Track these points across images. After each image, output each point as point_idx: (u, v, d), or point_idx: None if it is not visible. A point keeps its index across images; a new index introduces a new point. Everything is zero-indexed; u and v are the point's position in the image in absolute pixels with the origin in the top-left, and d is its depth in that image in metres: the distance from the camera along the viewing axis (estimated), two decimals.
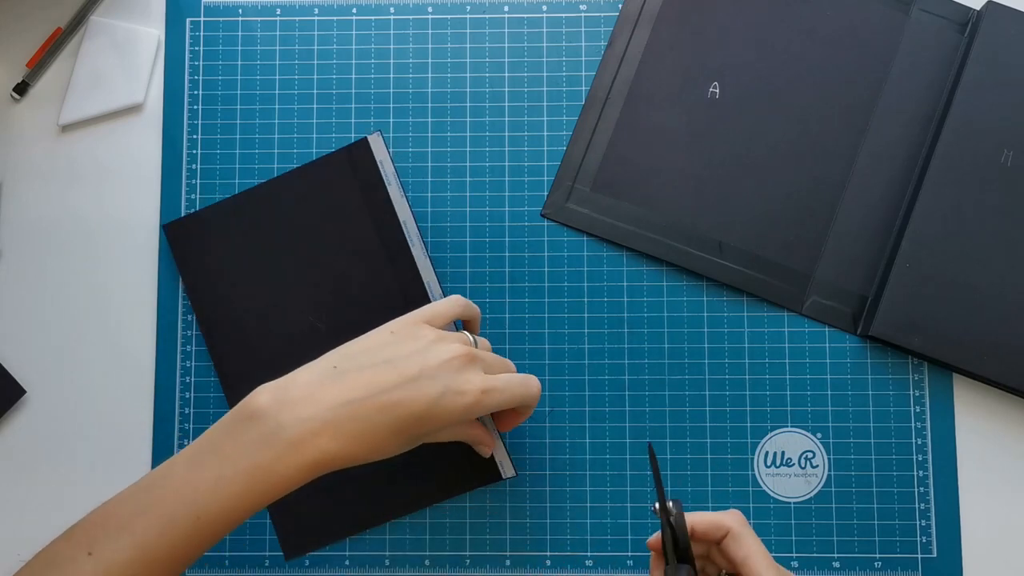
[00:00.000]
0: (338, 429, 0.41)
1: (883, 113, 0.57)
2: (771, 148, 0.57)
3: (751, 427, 0.55)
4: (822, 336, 0.56)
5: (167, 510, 0.40)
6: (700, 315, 0.56)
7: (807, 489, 0.55)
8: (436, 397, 0.43)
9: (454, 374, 0.44)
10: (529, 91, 0.59)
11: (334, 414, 0.41)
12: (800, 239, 0.56)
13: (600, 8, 0.59)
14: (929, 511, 0.54)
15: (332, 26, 0.60)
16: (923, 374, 0.55)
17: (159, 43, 0.60)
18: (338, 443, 0.41)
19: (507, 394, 0.45)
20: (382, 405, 0.42)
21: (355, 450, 0.41)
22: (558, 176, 0.58)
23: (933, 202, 0.55)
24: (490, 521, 0.55)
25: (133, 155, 0.59)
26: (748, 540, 0.45)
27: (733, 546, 0.46)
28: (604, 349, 0.56)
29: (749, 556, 0.45)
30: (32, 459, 0.57)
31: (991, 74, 0.56)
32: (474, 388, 0.44)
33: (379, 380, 0.43)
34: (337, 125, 0.59)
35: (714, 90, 0.58)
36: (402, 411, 0.42)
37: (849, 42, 0.58)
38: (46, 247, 0.58)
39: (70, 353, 0.57)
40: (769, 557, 0.46)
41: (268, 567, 0.55)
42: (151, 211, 0.58)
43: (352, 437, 0.41)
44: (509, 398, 0.46)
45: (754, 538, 0.46)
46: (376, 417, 0.42)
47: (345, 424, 0.41)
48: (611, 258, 0.57)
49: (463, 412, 0.43)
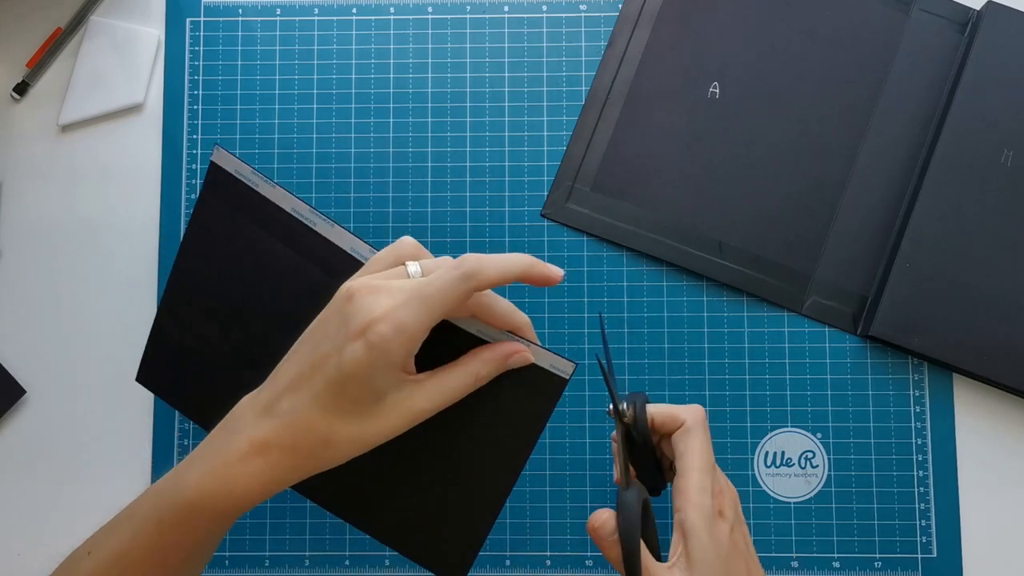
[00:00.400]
0: (271, 441, 0.39)
1: (883, 113, 0.57)
2: (771, 148, 0.57)
3: (751, 427, 0.55)
4: (822, 336, 0.56)
5: (147, 507, 0.41)
6: (700, 315, 0.56)
7: (807, 489, 0.55)
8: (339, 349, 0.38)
9: (346, 320, 0.38)
10: (529, 91, 0.59)
11: (270, 424, 0.39)
12: (800, 239, 0.56)
13: (600, 8, 0.59)
14: (929, 511, 0.54)
15: (332, 26, 0.60)
16: (923, 374, 0.55)
17: (159, 43, 0.60)
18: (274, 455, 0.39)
19: (418, 310, 0.38)
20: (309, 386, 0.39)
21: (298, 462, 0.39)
22: (558, 176, 0.58)
23: (933, 202, 0.55)
24: None
25: (133, 155, 0.59)
26: (695, 436, 0.44)
27: (679, 439, 0.45)
28: None
29: (687, 451, 0.44)
30: (32, 459, 0.57)
31: (991, 74, 0.56)
32: (364, 320, 0.37)
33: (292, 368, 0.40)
34: (337, 125, 0.59)
35: (714, 90, 0.58)
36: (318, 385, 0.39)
37: (849, 42, 0.58)
38: (46, 247, 0.58)
39: (70, 353, 0.57)
40: (709, 457, 0.44)
41: (268, 567, 0.55)
42: (151, 211, 0.58)
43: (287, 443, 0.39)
44: (437, 298, 0.38)
45: (703, 438, 0.44)
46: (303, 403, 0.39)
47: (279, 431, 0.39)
48: (611, 258, 0.57)
49: (371, 349, 0.37)
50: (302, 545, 0.55)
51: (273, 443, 0.39)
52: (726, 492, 0.45)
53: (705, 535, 0.42)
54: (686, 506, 0.42)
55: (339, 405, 0.38)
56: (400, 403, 0.39)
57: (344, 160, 0.58)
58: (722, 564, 0.42)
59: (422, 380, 0.40)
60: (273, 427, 0.39)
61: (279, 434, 0.39)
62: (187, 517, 0.40)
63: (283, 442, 0.39)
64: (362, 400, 0.39)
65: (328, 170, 0.58)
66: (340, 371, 0.38)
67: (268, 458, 0.39)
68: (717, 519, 0.43)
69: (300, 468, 0.40)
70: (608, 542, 0.43)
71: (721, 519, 0.43)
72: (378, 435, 0.40)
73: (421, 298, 0.38)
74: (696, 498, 0.42)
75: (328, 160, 0.58)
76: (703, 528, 0.42)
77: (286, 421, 0.39)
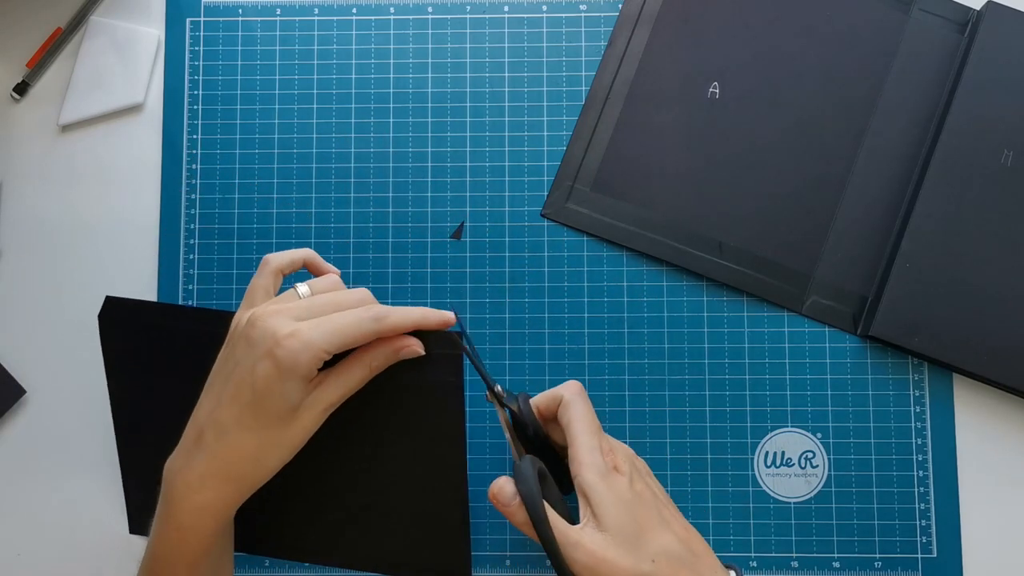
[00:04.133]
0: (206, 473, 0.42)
1: (883, 113, 0.57)
2: (771, 148, 0.57)
3: (751, 427, 0.55)
4: (822, 336, 0.56)
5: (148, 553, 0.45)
6: (700, 315, 0.56)
7: (807, 489, 0.55)
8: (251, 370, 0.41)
9: (252, 344, 0.41)
10: (529, 91, 0.59)
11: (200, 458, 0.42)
12: (800, 239, 0.56)
13: (600, 8, 0.59)
14: (929, 511, 0.54)
15: (332, 26, 0.60)
16: (923, 374, 0.55)
17: (159, 43, 0.60)
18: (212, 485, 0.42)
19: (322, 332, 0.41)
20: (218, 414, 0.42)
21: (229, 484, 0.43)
22: (558, 176, 0.58)
23: (933, 202, 0.55)
24: (490, 521, 0.55)
25: (133, 155, 0.59)
26: (575, 407, 0.46)
27: (561, 414, 0.47)
28: (604, 349, 0.56)
29: (571, 420, 0.46)
30: (32, 459, 0.57)
31: (991, 74, 0.56)
32: (271, 339, 0.41)
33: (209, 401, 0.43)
34: (337, 125, 0.59)
35: (714, 90, 0.58)
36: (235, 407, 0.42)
37: (849, 42, 0.58)
38: (46, 247, 0.58)
39: (70, 353, 0.57)
40: (592, 421, 0.46)
41: (268, 567, 0.55)
42: (151, 211, 0.58)
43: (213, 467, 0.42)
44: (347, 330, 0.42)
45: (583, 405, 0.47)
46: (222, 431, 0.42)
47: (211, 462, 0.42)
48: (611, 258, 0.57)
49: (280, 364, 0.40)
50: None
51: (208, 475, 0.42)
52: (617, 450, 0.46)
53: (603, 488, 0.43)
54: (579, 468, 0.44)
55: (260, 422, 0.41)
56: (311, 405, 0.42)
57: (344, 160, 0.58)
58: (628, 513, 0.43)
59: (323, 379, 0.43)
60: (204, 460, 0.42)
61: (212, 465, 0.42)
62: (165, 570, 0.43)
63: (218, 472, 0.42)
64: (279, 412, 0.41)
65: (328, 170, 0.58)
66: (255, 391, 0.41)
67: (206, 492, 0.42)
68: (613, 473, 0.44)
69: (240, 490, 0.43)
70: (511, 508, 0.44)
71: (617, 473, 0.45)
72: (299, 438, 0.43)
73: (334, 326, 0.41)
74: (587, 458, 0.44)
75: (328, 160, 0.58)
76: (600, 482, 0.44)
77: (213, 451, 0.42)
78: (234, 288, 0.57)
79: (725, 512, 0.55)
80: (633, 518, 0.43)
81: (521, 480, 0.43)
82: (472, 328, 0.56)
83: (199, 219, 0.58)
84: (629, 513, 0.43)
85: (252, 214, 0.58)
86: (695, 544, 0.45)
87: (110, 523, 0.56)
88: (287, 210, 0.58)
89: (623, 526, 0.43)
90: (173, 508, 0.42)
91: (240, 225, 0.58)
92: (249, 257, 0.58)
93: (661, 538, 0.43)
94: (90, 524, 0.56)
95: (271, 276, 0.47)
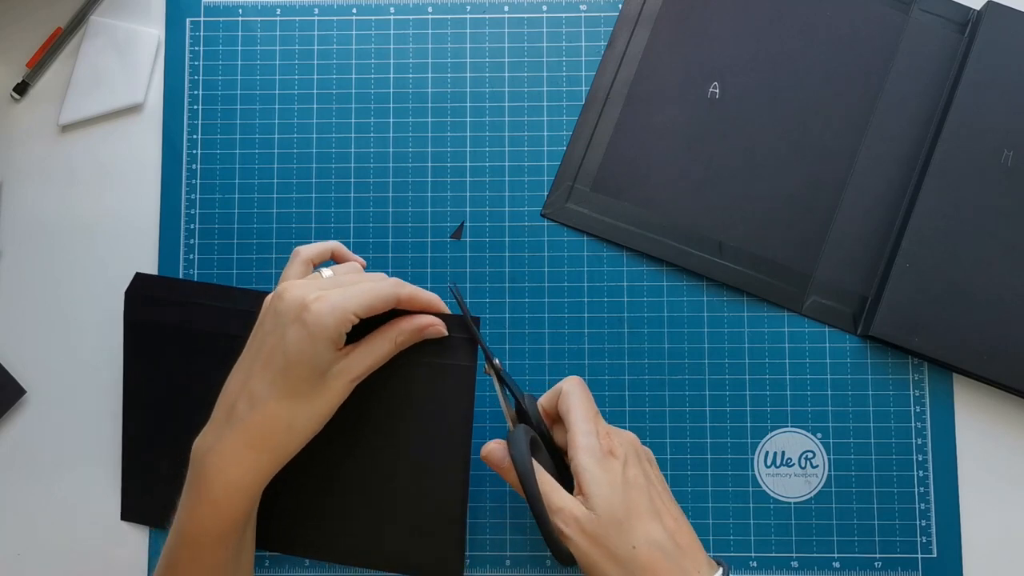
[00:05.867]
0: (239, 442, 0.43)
1: (883, 113, 0.57)
2: (771, 148, 0.57)
3: (751, 427, 0.55)
4: (822, 336, 0.56)
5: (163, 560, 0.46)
6: (700, 315, 0.56)
7: (807, 489, 0.55)
8: (281, 337, 0.43)
9: (280, 314, 0.43)
10: (529, 91, 0.59)
11: (233, 429, 0.43)
12: (800, 239, 0.56)
13: (600, 8, 0.59)
14: (929, 511, 0.54)
15: (332, 26, 0.60)
16: (923, 374, 0.55)
17: (159, 43, 0.60)
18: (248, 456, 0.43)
19: (346, 295, 0.43)
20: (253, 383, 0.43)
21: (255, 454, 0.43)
22: (558, 176, 0.58)
23: (933, 202, 0.55)
24: (490, 521, 0.55)
25: (133, 155, 0.59)
26: (572, 396, 0.47)
27: (561, 404, 0.48)
28: (604, 349, 0.56)
29: (569, 409, 0.47)
30: (32, 459, 0.57)
31: (991, 74, 0.56)
32: (298, 305, 0.42)
33: (240, 375, 0.44)
34: (337, 125, 0.59)
35: (714, 90, 0.58)
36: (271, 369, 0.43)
37: (849, 42, 0.58)
38: (46, 247, 0.58)
39: (70, 353, 0.57)
40: (590, 407, 0.47)
41: (268, 567, 0.55)
42: (151, 211, 0.58)
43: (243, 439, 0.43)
44: (369, 294, 0.44)
45: (580, 393, 0.47)
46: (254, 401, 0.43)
47: (247, 431, 0.43)
48: (611, 258, 0.57)
49: (309, 327, 0.42)
50: None
51: (242, 446, 0.42)
52: (615, 435, 0.47)
53: (596, 469, 0.44)
54: (574, 452, 0.45)
55: (292, 388, 0.42)
56: (339, 373, 0.44)
57: (344, 160, 0.58)
58: (618, 496, 0.44)
59: (351, 350, 0.45)
60: (237, 433, 0.43)
61: (245, 435, 0.42)
62: (197, 552, 0.43)
63: (252, 442, 0.42)
64: (310, 379, 0.43)
65: (328, 170, 0.58)
66: (287, 357, 0.42)
67: (241, 466, 0.42)
68: (608, 457, 0.45)
69: (273, 460, 0.43)
70: (503, 468, 0.46)
71: (612, 457, 0.45)
72: (329, 405, 0.44)
73: (359, 289, 0.44)
74: (582, 441, 0.45)
75: (328, 160, 0.58)
76: (592, 464, 0.44)
77: (246, 423, 0.42)
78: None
79: (725, 512, 0.55)
80: (622, 502, 0.44)
81: (513, 443, 0.45)
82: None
83: (199, 219, 0.58)
84: (618, 496, 0.44)
85: (252, 214, 0.58)
86: (682, 537, 0.45)
87: (110, 523, 0.56)
88: (287, 210, 0.58)
89: (610, 508, 0.43)
90: (206, 485, 0.42)
91: (240, 225, 0.58)
92: (249, 257, 0.58)
93: (647, 526, 0.44)
94: (90, 524, 0.56)
95: (301, 266, 0.48)
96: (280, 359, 0.42)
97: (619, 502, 0.44)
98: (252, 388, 0.43)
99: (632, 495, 0.44)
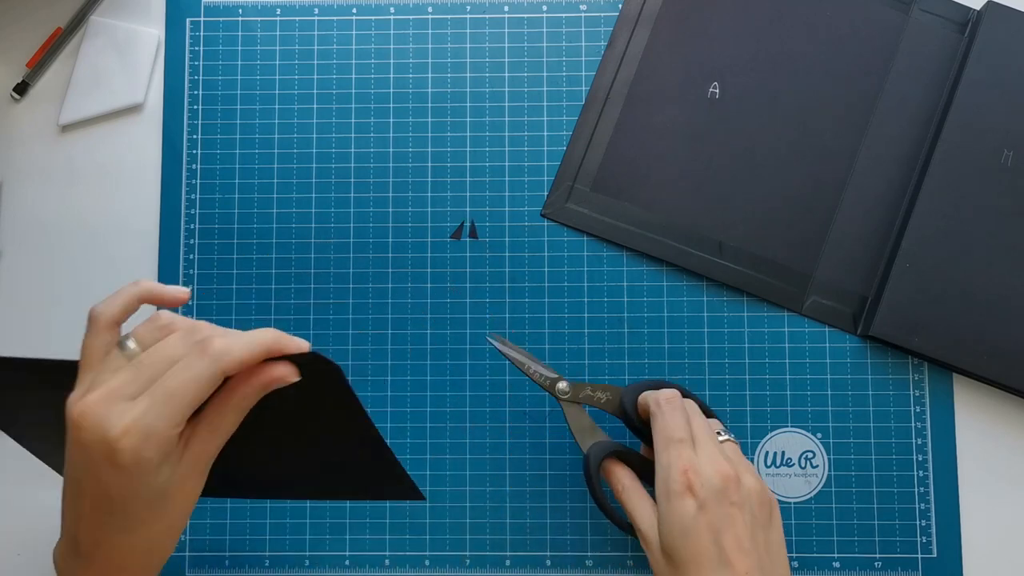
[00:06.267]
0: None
1: (883, 113, 0.57)
2: (771, 148, 0.57)
3: (751, 427, 0.55)
4: (822, 336, 0.56)
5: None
6: (700, 315, 0.56)
7: (807, 489, 0.55)
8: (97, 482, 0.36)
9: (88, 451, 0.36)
10: (529, 91, 0.59)
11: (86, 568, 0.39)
12: (800, 239, 0.56)
13: (600, 8, 0.59)
14: (929, 511, 0.54)
15: (332, 26, 0.60)
16: (923, 374, 0.55)
17: (159, 43, 0.60)
18: None
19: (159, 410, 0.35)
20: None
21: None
22: (558, 176, 0.58)
23: (933, 202, 0.55)
24: (490, 521, 0.55)
25: (133, 155, 0.59)
26: (656, 420, 0.47)
27: (652, 424, 0.48)
28: (604, 349, 0.56)
29: (654, 433, 0.47)
30: (32, 459, 0.57)
31: (991, 74, 0.56)
32: (104, 446, 0.35)
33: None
34: (337, 125, 0.59)
35: (714, 90, 0.58)
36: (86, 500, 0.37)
37: (849, 42, 0.58)
38: (46, 247, 0.58)
39: (70, 353, 0.57)
40: (668, 434, 0.46)
41: (268, 567, 0.55)
42: (151, 211, 0.58)
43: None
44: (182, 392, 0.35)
45: (661, 419, 0.46)
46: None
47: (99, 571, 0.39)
48: (611, 258, 0.57)
49: (125, 471, 0.35)
50: (302, 545, 0.55)
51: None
52: (704, 472, 0.43)
53: (666, 508, 0.44)
54: (655, 481, 0.45)
55: (133, 520, 0.37)
56: (187, 469, 0.38)
57: (344, 160, 0.58)
58: (681, 537, 0.43)
59: (191, 435, 0.38)
60: (88, 570, 0.39)
61: (104, 570, 0.39)
62: None
63: (111, 572, 0.39)
64: (152, 502, 0.37)
65: (328, 170, 0.58)
66: (112, 501, 0.36)
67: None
68: (683, 495, 0.43)
69: (149, 572, 0.40)
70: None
71: (688, 495, 0.43)
72: (187, 504, 0.39)
73: (166, 396, 0.35)
74: (660, 473, 0.45)
75: (328, 160, 0.58)
76: (663, 499, 0.44)
77: (92, 561, 0.39)
78: (234, 288, 0.57)
79: None
80: (684, 547, 0.42)
81: (585, 470, 0.48)
82: (472, 328, 0.56)
83: (199, 219, 0.58)
84: (682, 538, 0.43)
85: (252, 214, 0.58)
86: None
87: None
88: (287, 210, 0.58)
89: (673, 550, 0.43)
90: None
91: (240, 225, 0.58)
92: (249, 257, 0.58)
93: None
94: None
95: (105, 333, 0.39)
96: (106, 504, 0.37)
97: (681, 546, 0.42)
98: (87, 532, 0.38)
99: (694, 540, 0.42)
